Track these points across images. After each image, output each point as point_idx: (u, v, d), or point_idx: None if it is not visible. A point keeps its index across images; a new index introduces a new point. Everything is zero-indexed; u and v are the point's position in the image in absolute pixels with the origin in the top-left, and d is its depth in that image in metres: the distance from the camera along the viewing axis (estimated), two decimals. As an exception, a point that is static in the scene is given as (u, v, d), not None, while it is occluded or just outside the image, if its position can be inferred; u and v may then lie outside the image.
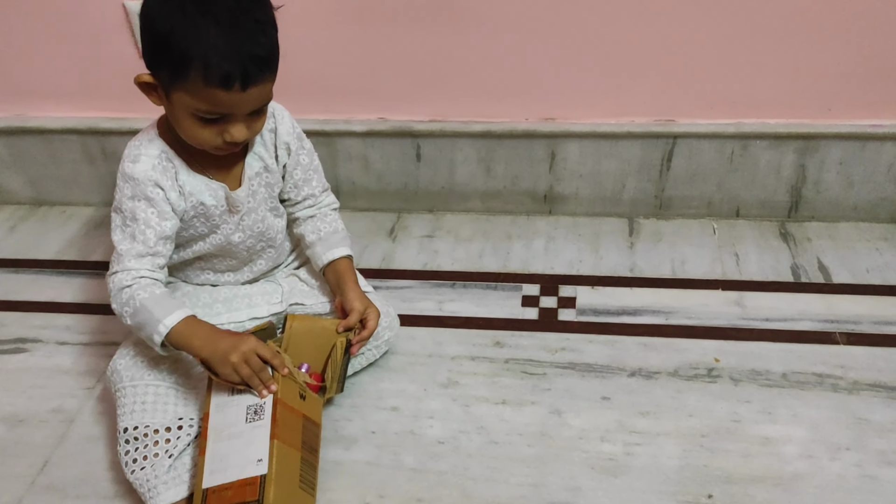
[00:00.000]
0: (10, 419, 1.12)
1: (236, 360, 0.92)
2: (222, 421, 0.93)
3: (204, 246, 1.08)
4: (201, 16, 0.87)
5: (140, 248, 0.97)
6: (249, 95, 0.90)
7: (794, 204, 1.38)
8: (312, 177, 1.12)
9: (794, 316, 1.20)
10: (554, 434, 1.04)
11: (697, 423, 1.04)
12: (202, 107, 0.91)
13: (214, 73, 0.87)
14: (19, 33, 1.37)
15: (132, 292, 0.95)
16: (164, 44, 0.88)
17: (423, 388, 1.12)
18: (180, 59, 0.87)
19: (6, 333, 1.27)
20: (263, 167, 1.06)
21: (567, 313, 1.24)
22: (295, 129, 1.09)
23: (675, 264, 1.33)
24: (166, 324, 0.94)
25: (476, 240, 1.42)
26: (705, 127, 1.32)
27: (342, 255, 1.11)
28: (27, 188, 1.57)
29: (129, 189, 0.98)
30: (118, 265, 0.97)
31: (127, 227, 0.98)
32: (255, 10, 0.90)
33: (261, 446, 0.90)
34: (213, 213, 1.04)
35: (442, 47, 1.30)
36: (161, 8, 0.89)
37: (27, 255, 1.46)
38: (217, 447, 0.91)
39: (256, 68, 0.89)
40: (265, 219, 1.10)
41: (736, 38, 1.23)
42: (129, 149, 1.01)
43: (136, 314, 0.95)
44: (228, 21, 0.87)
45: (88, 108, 1.45)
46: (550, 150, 1.37)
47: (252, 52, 0.88)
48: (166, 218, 0.99)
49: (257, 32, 0.89)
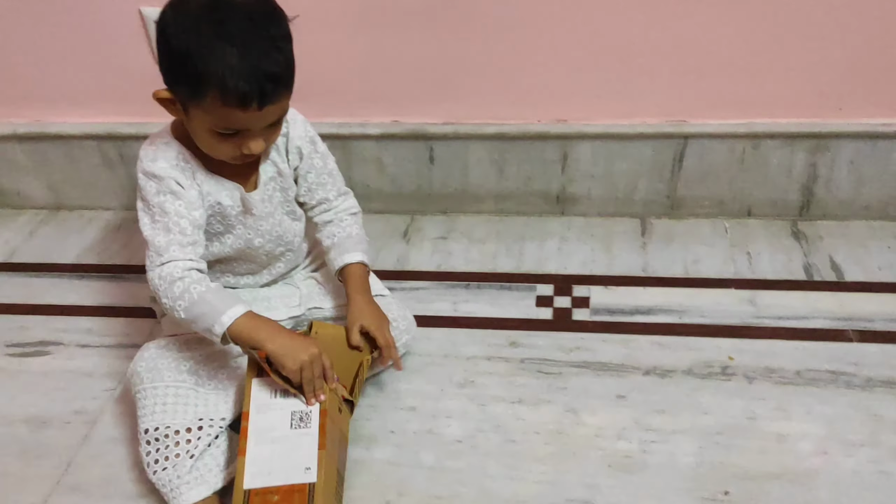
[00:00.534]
0: (34, 421, 1.14)
1: (306, 359, 0.93)
2: (264, 423, 0.93)
3: (223, 249, 1.10)
4: (216, 36, 0.87)
5: (180, 238, 0.98)
6: (266, 113, 0.91)
7: (806, 203, 1.39)
8: (326, 181, 1.13)
9: (807, 314, 1.21)
10: (570, 432, 1.05)
11: (713, 420, 1.05)
12: (219, 124, 0.92)
13: (231, 94, 0.87)
14: (38, 40, 1.39)
15: (186, 285, 0.95)
16: (181, 63, 0.89)
17: (440, 388, 1.14)
18: (197, 79, 0.88)
19: (29, 336, 1.29)
20: (277, 172, 1.07)
21: (581, 313, 1.25)
22: (307, 133, 1.09)
23: (687, 264, 1.34)
24: (230, 314, 0.94)
25: (489, 241, 1.43)
26: (716, 127, 1.33)
27: (352, 262, 1.10)
28: (47, 193, 1.59)
29: (153, 186, 0.99)
30: (163, 257, 0.97)
31: (158, 222, 0.98)
32: (270, 25, 0.90)
33: (308, 454, 0.91)
34: (229, 214, 1.06)
35: (455, 51, 1.31)
36: (177, 26, 0.89)
37: (48, 259, 1.48)
38: (259, 450, 0.91)
39: (272, 86, 0.89)
40: (282, 222, 1.11)
41: (746, 38, 1.24)
42: (144, 151, 1.02)
43: (192, 307, 0.95)
44: (243, 40, 0.87)
45: (107, 114, 1.47)
46: (563, 151, 1.39)
47: (268, 70, 0.88)
48: (195, 208, 1.00)
49: (272, 49, 0.89)
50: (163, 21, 0.91)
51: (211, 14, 0.88)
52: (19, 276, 1.44)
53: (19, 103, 1.49)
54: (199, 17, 0.88)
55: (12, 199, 1.61)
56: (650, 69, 1.29)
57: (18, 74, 1.44)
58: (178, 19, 0.89)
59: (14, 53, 1.41)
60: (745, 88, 1.30)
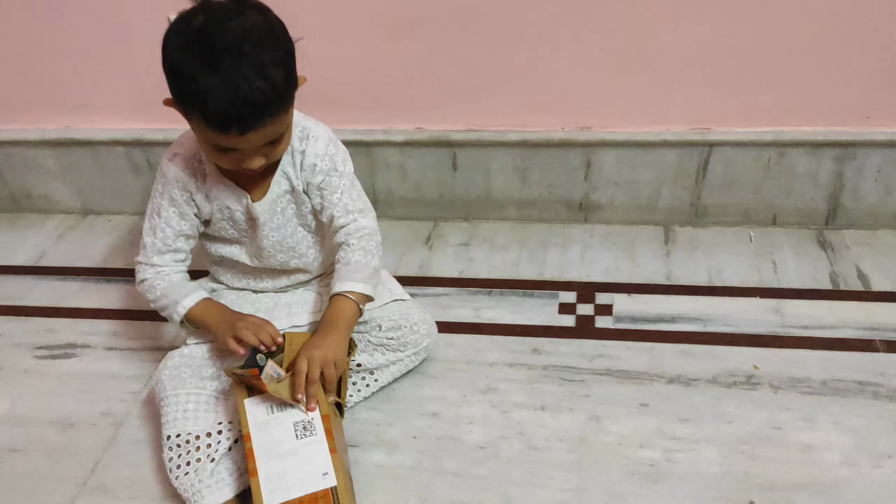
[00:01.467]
0: (62, 422, 1.15)
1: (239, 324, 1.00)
2: (268, 440, 0.93)
3: (238, 254, 1.12)
4: (202, 61, 0.87)
5: (160, 246, 1.07)
6: (251, 138, 0.91)
7: (832, 212, 1.38)
8: (339, 202, 1.07)
9: (834, 324, 1.20)
10: (593, 440, 1.05)
11: (737, 430, 1.04)
12: (209, 140, 0.93)
13: (212, 119, 0.89)
14: (68, 48, 1.42)
15: (153, 281, 1.07)
16: (172, 80, 0.91)
17: (462, 394, 1.14)
18: (182, 97, 0.91)
19: (56, 339, 1.31)
20: (290, 188, 1.07)
21: (604, 320, 1.25)
22: (328, 152, 1.05)
23: (711, 272, 1.33)
24: (185, 304, 1.05)
25: (512, 248, 1.43)
26: (741, 135, 1.32)
27: (339, 291, 1.03)
28: (74, 198, 1.61)
29: (160, 184, 1.07)
30: (142, 256, 1.09)
31: (152, 219, 1.07)
32: (262, 52, 0.88)
33: (323, 460, 0.92)
34: (238, 219, 1.08)
35: (478, 58, 1.32)
36: (172, 45, 0.90)
37: (75, 262, 1.50)
38: (271, 467, 0.91)
39: (253, 114, 0.88)
40: (295, 234, 1.11)
41: (772, 46, 1.24)
42: (172, 145, 1.07)
43: (158, 300, 1.07)
44: (228, 65, 0.86)
45: (134, 120, 1.49)
46: (586, 158, 1.39)
47: (248, 97, 0.87)
48: (185, 218, 1.07)
49: (257, 77, 0.87)
50: (165, 36, 0.92)
51: (201, 37, 0.88)
52: (47, 279, 1.46)
53: (49, 109, 1.51)
54: (191, 39, 0.88)
55: (41, 204, 1.64)
56: (675, 77, 1.29)
57: (49, 81, 1.47)
58: (174, 38, 0.90)
59: (44, 61, 1.44)
60: (770, 96, 1.29)
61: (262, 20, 0.91)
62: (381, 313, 1.12)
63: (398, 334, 1.12)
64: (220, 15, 0.89)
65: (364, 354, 1.11)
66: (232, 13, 0.89)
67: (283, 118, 0.94)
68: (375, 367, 1.12)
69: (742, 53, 1.25)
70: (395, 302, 1.15)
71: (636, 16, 1.23)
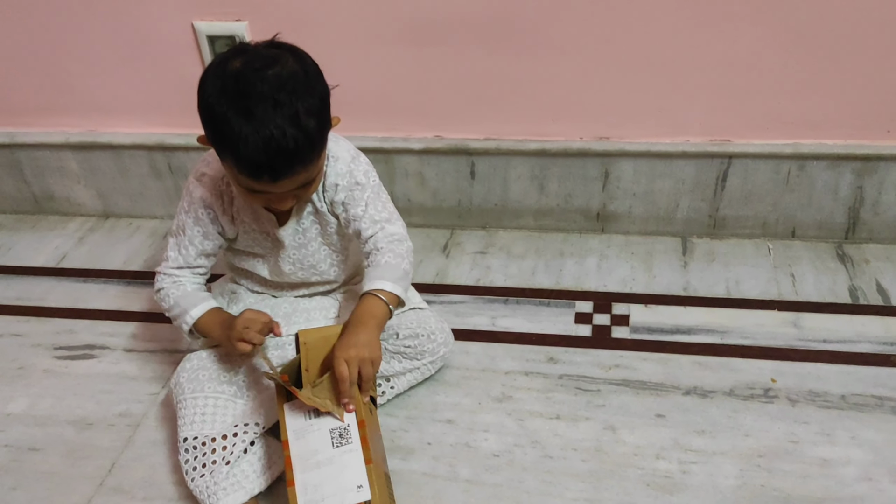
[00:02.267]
0: (80, 422, 1.17)
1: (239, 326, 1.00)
2: (305, 448, 0.93)
3: (260, 269, 1.14)
4: (236, 108, 0.87)
5: (181, 261, 1.09)
6: (282, 186, 0.92)
7: (852, 225, 1.37)
8: (365, 214, 1.06)
9: (853, 338, 1.19)
10: (608, 450, 1.05)
11: (754, 443, 1.04)
12: (241, 183, 0.94)
13: (244, 165, 0.89)
14: (93, 53, 1.44)
15: (167, 290, 1.09)
16: (207, 122, 0.91)
17: (477, 401, 1.14)
18: (216, 140, 0.91)
19: (76, 340, 1.32)
20: (314, 210, 1.08)
21: (620, 331, 1.25)
22: (348, 169, 1.05)
23: (729, 284, 1.32)
24: (192, 315, 1.06)
25: (529, 257, 1.43)
26: (761, 147, 1.32)
27: (370, 289, 1.01)
28: (96, 200, 1.63)
29: (186, 202, 1.07)
30: (163, 267, 1.10)
31: (177, 236, 1.09)
32: (297, 100, 0.88)
33: (357, 471, 0.90)
34: (263, 240, 1.10)
35: (498, 67, 1.32)
36: (208, 89, 0.90)
37: (96, 265, 1.52)
38: (307, 477, 0.91)
39: (285, 163, 0.89)
40: (318, 253, 1.12)
41: (793, 58, 1.23)
42: (200, 162, 1.07)
43: (171, 310, 1.09)
44: (261, 116, 0.86)
45: (157, 125, 1.51)
46: (604, 168, 1.39)
47: (281, 147, 0.87)
48: (209, 238, 1.08)
49: (291, 126, 0.87)
50: (202, 78, 0.92)
51: (237, 84, 0.88)
52: (68, 280, 1.47)
53: (73, 113, 1.53)
54: (227, 86, 0.88)
55: (63, 206, 1.66)
56: (694, 88, 1.29)
57: (73, 85, 1.49)
58: (211, 81, 0.90)
59: (69, 65, 1.46)
60: (791, 109, 1.29)
61: (299, 67, 0.91)
62: (399, 321, 1.13)
63: (415, 343, 1.12)
64: (258, 62, 0.89)
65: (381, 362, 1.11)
66: (269, 60, 0.89)
67: (316, 164, 0.94)
68: (392, 374, 1.13)
69: (762, 65, 1.25)
70: (413, 310, 1.15)
71: (656, 27, 1.23)
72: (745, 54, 1.24)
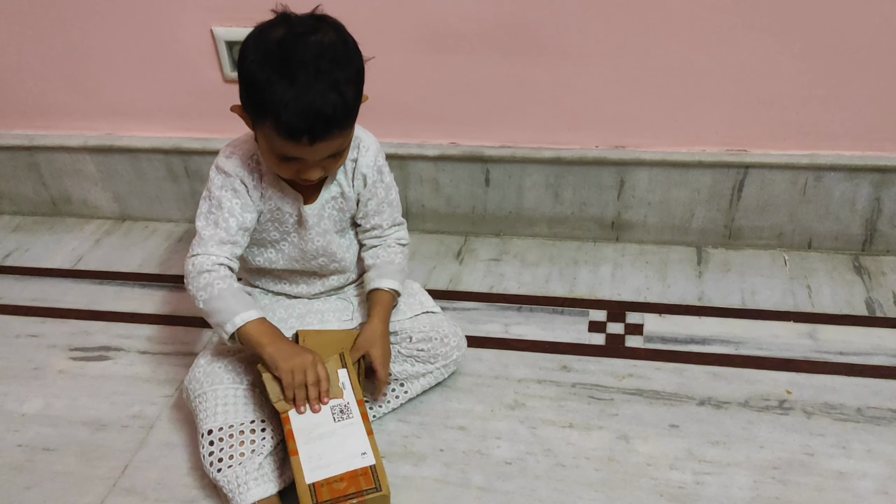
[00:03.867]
0: (94, 423, 1.17)
1: (298, 362, 0.97)
2: (306, 423, 0.98)
3: (280, 256, 1.14)
4: (279, 73, 0.91)
5: (222, 235, 1.04)
6: (318, 148, 0.95)
7: (869, 237, 1.36)
8: (385, 210, 1.15)
9: (869, 350, 1.18)
10: (621, 460, 1.04)
11: (769, 454, 1.03)
12: (277, 150, 0.97)
13: (283, 128, 0.92)
14: (113, 58, 1.45)
15: (211, 279, 1.02)
16: (248, 90, 0.95)
17: (490, 408, 1.14)
18: (257, 107, 0.94)
19: (91, 341, 1.33)
20: (340, 193, 1.11)
21: (634, 340, 1.24)
22: (377, 163, 1.11)
23: (744, 294, 1.32)
24: (243, 317, 1.00)
25: (542, 264, 1.43)
26: (778, 157, 1.31)
27: (386, 287, 1.12)
28: (113, 203, 1.64)
29: (219, 180, 1.06)
30: (200, 248, 1.04)
31: (211, 214, 1.05)
32: (336, 69, 0.92)
33: (361, 441, 0.96)
34: (286, 220, 1.10)
35: (514, 75, 1.33)
36: (250, 56, 0.94)
37: (112, 267, 1.53)
38: (310, 447, 0.96)
39: (323, 126, 0.93)
40: (332, 240, 1.14)
41: (810, 69, 1.23)
42: (223, 150, 1.08)
43: (212, 300, 1.01)
44: (304, 80, 0.90)
45: (174, 129, 1.52)
46: (619, 177, 1.38)
47: (321, 111, 0.91)
48: (248, 210, 1.06)
49: (330, 91, 0.91)
50: (243, 46, 0.96)
51: (280, 50, 0.92)
52: (84, 282, 1.49)
53: (92, 117, 1.55)
54: (270, 51, 0.92)
55: (80, 209, 1.67)
56: (711, 97, 1.29)
57: (93, 89, 1.50)
58: (253, 49, 0.94)
59: (90, 70, 1.48)
60: (808, 119, 1.28)
61: (338, 38, 0.95)
62: (412, 325, 1.13)
63: (428, 346, 1.12)
64: (300, 29, 0.93)
65: (394, 365, 1.12)
66: (311, 29, 0.94)
67: (349, 132, 0.99)
68: (405, 378, 1.13)
69: (779, 76, 1.24)
70: (425, 314, 1.16)
71: (673, 36, 1.23)
72: (763, 64, 1.24)
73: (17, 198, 1.69)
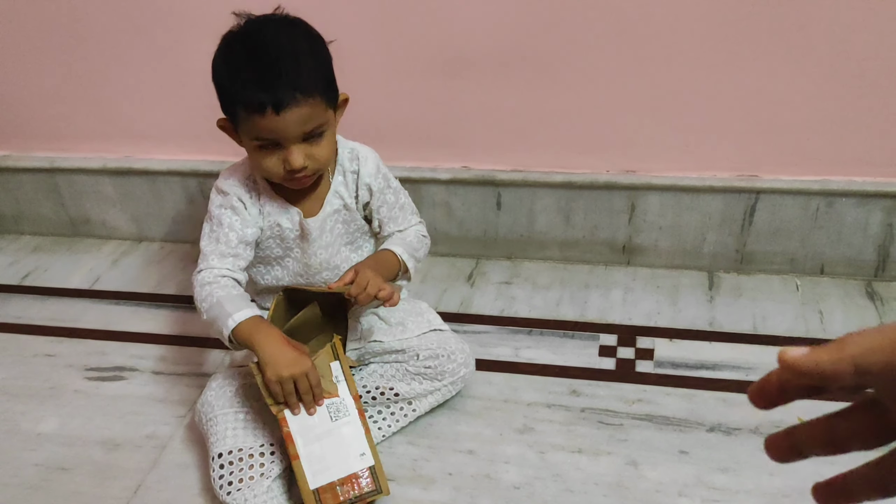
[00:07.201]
0: (108, 443, 1.19)
1: (286, 374, 0.96)
2: (304, 424, 0.99)
3: (284, 273, 1.16)
4: (238, 57, 0.98)
5: (223, 249, 1.07)
6: (288, 119, 0.96)
7: (882, 263, 1.36)
8: (398, 215, 1.18)
9: (882, 377, 1.17)
10: (630, 486, 1.04)
11: (780, 482, 1.02)
12: (253, 133, 0.99)
13: (250, 102, 0.96)
14: (130, 82, 1.48)
15: (211, 289, 1.04)
16: (218, 87, 1.01)
17: (499, 432, 1.14)
18: (227, 101, 1.00)
19: (106, 361, 1.35)
20: (343, 206, 1.13)
21: (645, 365, 1.24)
22: (380, 171, 1.14)
23: (756, 320, 1.31)
24: (235, 318, 1.00)
25: (553, 288, 1.44)
26: (789, 183, 1.31)
27: (389, 248, 1.14)
28: (131, 224, 1.67)
29: (218, 199, 1.10)
30: (203, 264, 1.07)
31: (213, 233, 1.09)
32: (294, 44, 0.98)
33: (358, 441, 0.98)
34: (287, 237, 1.12)
35: (525, 100, 1.34)
36: (219, 56, 1.01)
37: (128, 287, 1.55)
38: (310, 450, 0.97)
39: (287, 92, 0.95)
40: (340, 253, 1.16)
41: (822, 95, 1.23)
42: (223, 171, 1.13)
43: (211, 309, 1.02)
44: (260, 57, 0.96)
45: (190, 152, 1.55)
46: (630, 201, 1.39)
47: (283, 79, 0.95)
48: (248, 225, 1.09)
49: (289, 61, 0.96)
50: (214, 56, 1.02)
51: (240, 37, 0.99)
52: (101, 302, 1.51)
53: (111, 140, 1.58)
54: (231, 45, 1.00)
55: (98, 230, 1.70)
56: (722, 122, 1.29)
57: (111, 113, 1.54)
58: (219, 51, 1.01)
59: (112, 95, 1.51)
60: (819, 145, 1.28)
61: (293, 23, 1.02)
62: (420, 343, 1.14)
63: (436, 363, 1.13)
64: (260, 20, 1.00)
65: (402, 384, 1.13)
66: (271, 20, 1.00)
67: (319, 106, 0.99)
68: (413, 396, 1.13)
69: (791, 101, 1.25)
70: (433, 332, 1.16)
71: (685, 61, 1.24)
72: (774, 90, 1.24)
73: (38, 218, 1.72)
